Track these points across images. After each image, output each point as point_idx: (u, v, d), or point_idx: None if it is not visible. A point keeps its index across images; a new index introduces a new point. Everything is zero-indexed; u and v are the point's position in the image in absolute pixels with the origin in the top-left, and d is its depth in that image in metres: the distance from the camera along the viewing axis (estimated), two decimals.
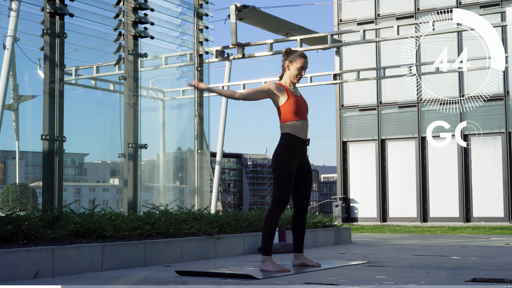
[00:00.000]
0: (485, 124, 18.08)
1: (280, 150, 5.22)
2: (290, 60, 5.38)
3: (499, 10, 12.97)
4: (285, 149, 5.20)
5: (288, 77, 5.39)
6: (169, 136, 10.92)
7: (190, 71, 10.44)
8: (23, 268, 4.67)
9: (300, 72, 5.36)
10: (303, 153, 5.32)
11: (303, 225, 5.42)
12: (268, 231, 5.16)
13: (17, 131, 9.95)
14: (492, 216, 18.06)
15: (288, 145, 5.21)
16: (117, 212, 6.54)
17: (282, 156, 5.18)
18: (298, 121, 5.26)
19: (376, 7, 20.15)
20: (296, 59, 5.36)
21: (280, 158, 5.18)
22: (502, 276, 4.50)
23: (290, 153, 5.20)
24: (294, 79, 5.38)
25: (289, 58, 5.38)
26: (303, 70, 5.38)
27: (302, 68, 5.36)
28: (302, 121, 5.27)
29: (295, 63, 5.36)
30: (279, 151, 5.22)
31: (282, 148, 5.22)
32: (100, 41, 8.80)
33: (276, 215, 5.16)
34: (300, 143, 5.26)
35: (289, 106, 5.24)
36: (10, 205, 11.75)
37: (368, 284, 4.18)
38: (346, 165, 20.33)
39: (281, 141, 5.26)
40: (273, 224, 5.17)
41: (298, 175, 5.31)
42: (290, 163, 5.18)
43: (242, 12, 13.13)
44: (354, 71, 15.24)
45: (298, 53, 5.40)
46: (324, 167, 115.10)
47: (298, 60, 5.36)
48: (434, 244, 8.88)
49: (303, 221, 5.41)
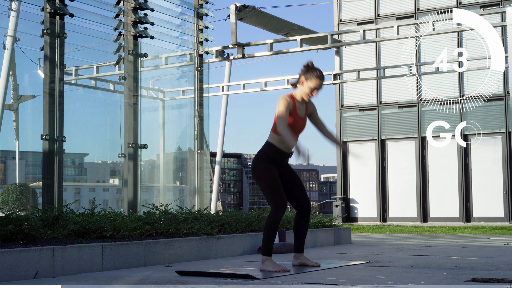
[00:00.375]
0: (485, 124, 18.08)
1: (258, 159, 5.22)
2: (306, 77, 5.26)
3: (499, 10, 12.97)
4: (264, 158, 5.21)
5: (300, 92, 5.31)
6: (169, 136, 10.92)
7: (190, 71, 10.45)
8: (23, 268, 4.67)
9: (311, 92, 5.27)
10: (284, 162, 5.32)
11: (305, 226, 5.40)
12: (270, 232, 5.15)
13: (17, 131, 9.95)
14: (492, 216, 18.06)
15: (269, 155, 5.21)
16: (117, 212, 6.54)
17: (259, 164, 5.20)
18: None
19: (376, 7, 20.15)
20: (312, 79, 5.25)
21: (258, 166, 5.20)
22: (502, 276, 4.50)
23: (269, 161, 5.21)
24: (305, 97, 5.30)
25: (306, 75, 5.27)
26: (316, 91, 5.28)
27: (315, 88, 5.26)
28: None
29: (309, 81, 5.25)
30: (257, 160, 5.22)
31: (261, 156, 5.21)
32: (100, 41, 8.79)
33: (278, 217, 5.15)
34: (281, 155, 5.26)
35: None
36: (10, 205, 11.75)
37: (368, 284, 4.18)
38: (346, 165, 20.33)
39: (262, 149, 5.24)
40: (275, 226, 5.15)
41: (284, 179, 5.31)
42: (269, 166, 5.19)
43: (242, 12, 13.13)
44: (354, 71, 15.24)
45: (316, 73, 5.26)
46: (324, 167, 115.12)
47: (313, 80, 5.25)
48: (434, 244, 8.89)
49: (306, 222, 5.39)
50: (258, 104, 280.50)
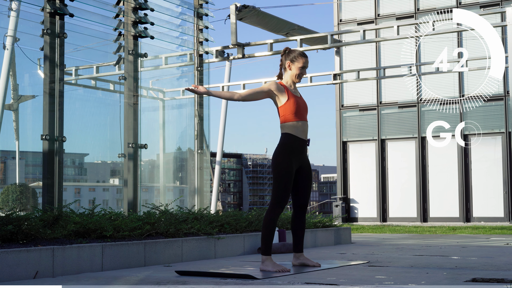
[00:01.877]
0: (485, 124, 18.08)
1: (280, 150, 5.21)
2: (291, 60, 5.36)
3: (499, 10, 12.97)
4: (285, 149, 5.20)
5: (289, 76, 5.37)
6: (169, 136, 10.92)
7: (190, 71, 10.45)
8: (23, 268, 4.67)
9: (302, 72, 5.36)
10: (303, 153, 5.32)
11: (303, 225, 5.42)
12: (268, 231, 5.16)
13: (17, 131, 9.95)
14: (492, 216, 18.06)
15: (288, 145, 5.21)
16: (117, 212, 6.54)
17: (282, 156, 5.19)
18: (299, 122, 5.25)
19: (376, 7, 20.15)
20: (298, 59, 5.35)
21: (280, 158, 5.18)
22: (502, 276, 4.50)
23: (290, 153, 5.20)
24: (296, 79, 5.37)
25: (290, 58, 5.36)
26: (305, 69, 5.38)
27: (303, 67, 5.35)
28: (302, 121, 5.27)
29: (296, 62, 5.34)
30: (279, 151, 5.22)
31: (282, 148, 5.21)
32: (100, 41, 8.79)
33: (275, 215, 5.16)
34: (300, 143, 5.25)
35: (289, 106, 5.23)
36: (10, 205, 11.75)
37: (368, 284, 4.18)
38: (346, 165, 20.33)
39: (281, 141, 5.25)
40: (272, 224, 5.17)
41: (298, 175, 5.31)
42: (290, 163, 5.18)
43: (242, 12, 13.13)
44: (354, 71, 15.23)
45: (299, 52, 5.39)
46: (324, 167, 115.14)
47: (299, 59, 5.34)
48: (434, 244, 8.88)
49: (302, 221, 5.41)
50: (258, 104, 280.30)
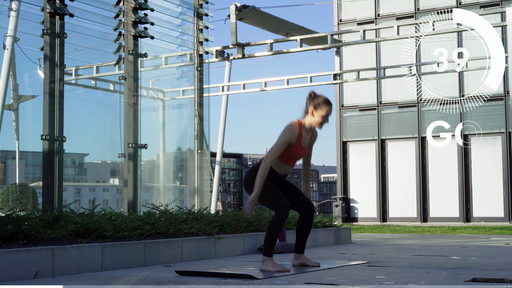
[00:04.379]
0: (485, 124, 18.08)
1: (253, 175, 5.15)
2: (315, 106, 5.19)
3: (499, 10, 12.97)
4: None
5: (310, 122, 5.23)
6: (169, 136, 10.92)
7: (190, 71, 10.45)
8: (23, 268, 4.67)
9: (324, 120, 5.21)
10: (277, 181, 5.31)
11: (308, 228, 5.40)
12: (273, 232, 5.14)
13: (17, 131, 9.95)
14: (492, 216, 18.06)
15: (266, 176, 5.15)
16: (117, 212, 6.54)
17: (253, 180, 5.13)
18: (285, 165, 5.26)
19: (376, 7, 20.14)
20: (322, 107, 5.18)
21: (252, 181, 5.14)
22: (502, 276, 4.50)
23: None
24: (318, 126, 5.24)
25: (314, 103, 5.19)
26: (328, 117, 5.22)
27: (326, 116, 5.20)
28: (289, 166, 5.28)
29: (320, 110, 5.18)
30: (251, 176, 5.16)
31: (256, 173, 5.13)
32: (100, 41, 8.80)
33: (283, 216, 5.12)
34: (277, 177, 5.27)
35: (286, 151, 5.18)
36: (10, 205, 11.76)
37: (368, 284, 4.18)
38: (346, 165, 20.33)
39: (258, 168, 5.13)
40: (279, 225, 5.13)
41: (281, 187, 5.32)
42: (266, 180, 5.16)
43: (242, 12, 13.13)
44: (354, 71, 15.24)
45: (323, 99, 5.20)
46: (324, 167, 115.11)
47: (323, 107, 5.18)
48: (434, 244, 8.88)
49: (310, 224, 5.37)
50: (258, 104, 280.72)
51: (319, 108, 5.17)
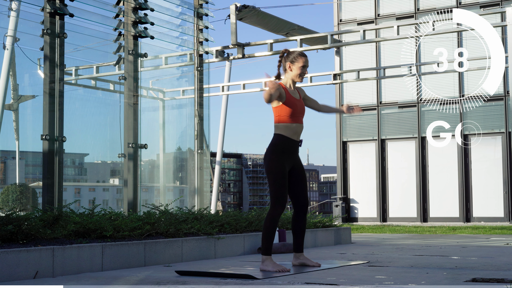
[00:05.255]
0: (485, 124, 18.08)
1: (271, 151, 5.23)
2: (291, 61, 5.38)
3: (499, 10, 12.96)
4: (277, 150, 5.22)
5: (290, 77, 5.39)
6: (169, 136, 10.92)
7: (190, 71, 10.45)
8: (23, 268, 4.67)
9: (303, 71, 5.39)
10: (295, 154, 5.34)
11: (303, 225, 5.42)
12: (269, 231, 5.16)
13: (17, 131, 9.95)
14: (492, 216, 18.06)
15: (280, 146, 5.23)
16: (117, 212, 6.54)
17: (274, 156, 5.21)
18: (293, 124, 5.27)
19: (376, 7, 20.14)
20: (297, 59, 5.37)
21: (272, 158, 5.21)
22: (502, 276, 4.50)
23: (282, 153, 5.22)
24: (297, 79, 5.40)
25: (290, 59, 5.39)
26: (306, 68, 5.40)
27: (304, 66, 5.38)
28: (296, 124, 5.29)
29: (296, 62, 5.37)
30: (270, 152, 5.24)
31: (274, 148, 5.23)
32: (100, 41, 8.80)
33: (276, 214, 5.16)
34: (292, 145, 5.27)
35: (285, 108, 5.24)
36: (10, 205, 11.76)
37: (368, 284, 4.18)
38: (346, 165, 20.33)
39: (273, 141, 5.27)
40: (274, 224, 5.17)
41: (291, 176, 5.33)
42: (282, 162, 5.21)
43: (242, 12, 13.13)
44: (354, 71, 15.24)
45: (298, 52, 5.42)
46: (324, 167, 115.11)
47: (299, 59, 5.37)
48: (434, 244, 8.88)
49: (303, 221, 5.41)
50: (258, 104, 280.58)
51: (295, 61, 5.38)
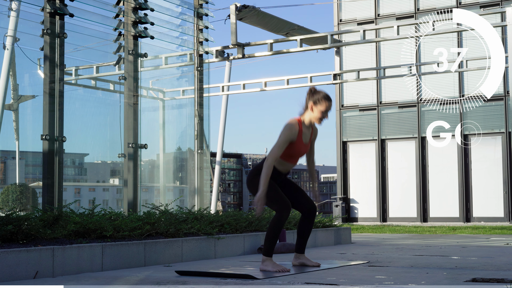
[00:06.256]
0: (485, 124, 18.08)
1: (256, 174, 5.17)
2: (315, 102, 5.20)
3: (499, 10, 12.96)
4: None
5: (310, 118, 5.25)
6: (169, 136, 10.93)
7: (190, 71, 10.44)
8: (23, 268, 4.67)
9: (324, 116, 5.23)
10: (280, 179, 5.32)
11: (309, 229, 5.41)
12: (274, 233, 5.14)
13: (17, 131, 9.95)
14: (492, 216, 18.06)
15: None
16: (117, 212, 6.54)
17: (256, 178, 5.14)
18: (288, 163, 5.27)
19: (376, 7, 20.14)
20: (321, 102, 5.19)
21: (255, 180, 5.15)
22: (502, 276, 4.50)
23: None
24: (317, 121, 5.25)
25: (313, 99, 5.21)
26: (327, 113, 5.24)
27: (326, 111, 5.22)
28: (291, 164, 5.29)
29: (319, 105, 5.20)
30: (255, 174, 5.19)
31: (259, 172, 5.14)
32: (100, 41, 8.79)
33: (283, 217, 5.13)
34: (279, 176, 5.28)
35: (288, 148, 5.19)
36: (10, 205, 11.76)
37: (368, 284, 4.18)
38: (346, 165, 20.33)
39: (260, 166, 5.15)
40: (280, 226, 5.13)
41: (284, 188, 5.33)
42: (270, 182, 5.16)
43: (242, 12, 13.13)
44: (354, 71, 15.23)
45: (323, 94, 5.22)
46: (324, 167, 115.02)
47: (323, 103, 5.20)
48: (434, 244, 8.88)
49: (310, 224, 5.38)
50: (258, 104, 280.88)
51: (318, 103, 5.19)
